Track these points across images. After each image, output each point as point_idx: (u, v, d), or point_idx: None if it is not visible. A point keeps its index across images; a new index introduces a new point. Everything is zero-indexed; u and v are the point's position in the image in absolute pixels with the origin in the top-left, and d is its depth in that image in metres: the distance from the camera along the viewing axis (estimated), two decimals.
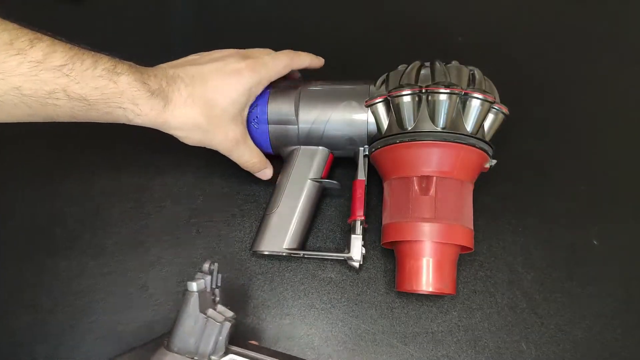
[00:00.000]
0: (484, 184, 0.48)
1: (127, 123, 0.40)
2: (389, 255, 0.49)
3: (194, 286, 0.36)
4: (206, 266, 0.37)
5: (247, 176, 0.54)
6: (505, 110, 0.44)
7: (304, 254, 0.47)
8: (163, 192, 0.53)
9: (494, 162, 0.46)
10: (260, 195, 0.52)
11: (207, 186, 0.53)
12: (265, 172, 0.50)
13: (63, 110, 0.36)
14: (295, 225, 0.47)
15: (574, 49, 0.62)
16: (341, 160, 0.51)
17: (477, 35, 0.63)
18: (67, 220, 0.52)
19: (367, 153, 0.48)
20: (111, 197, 0.53)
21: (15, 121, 0.37)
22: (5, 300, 0.48)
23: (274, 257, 0.49)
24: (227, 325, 0.35)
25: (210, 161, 0.54)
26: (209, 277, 0.36)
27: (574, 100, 0.58)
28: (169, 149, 0.55)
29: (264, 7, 0.66)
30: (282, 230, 0.46)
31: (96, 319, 0.47)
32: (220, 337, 0.35)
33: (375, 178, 0.49)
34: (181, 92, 0.41)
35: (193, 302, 0.36)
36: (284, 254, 0.47)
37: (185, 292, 0.36)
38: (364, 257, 0.46)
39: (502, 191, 0.52)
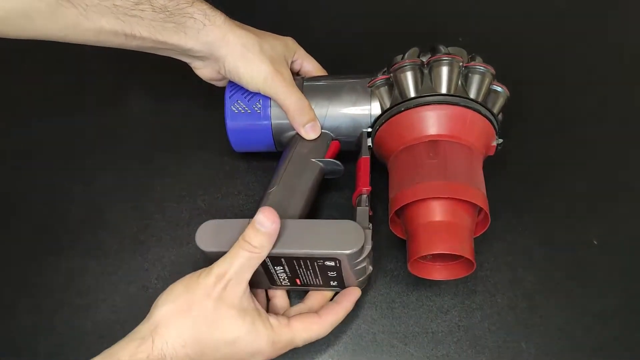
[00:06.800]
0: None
1: (190, 45, 0.43)
2: (389, 255, 0.49)
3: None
4: None
5: (248, 176, 0.54)
6: (506, 90, 0.44)
7: None
8: (164, 192, 0.53)
9: (500, 141, 0.45)
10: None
11: (208, 186, 0.53)
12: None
13: (143, 25, 0.40)
14: (294, 206, 0.44)
15: (574, 48, 0.62)
16: (344, 153, 0.51)
17: (477, 35, 0.63)
18: (69, 221, 0.52)
19: (369, 130, 0.47)
20: (113, 197, 0.53)
21: (96, 41, 0.40)
22: (8, 299, 0.48)
23: None
24: None
25: (212, 161, 0.55)
26: None
27: (574, 99, 0.58)
28: (170, 148, 0.56)
29: (264, 3, 0.66)
30: (281, 208, 0.45)
31: (98, 318, 0.47)
32: None
33: (378, 180, 0.49)
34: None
35: None
36: None
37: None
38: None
39: (502, 191, 0.52)
